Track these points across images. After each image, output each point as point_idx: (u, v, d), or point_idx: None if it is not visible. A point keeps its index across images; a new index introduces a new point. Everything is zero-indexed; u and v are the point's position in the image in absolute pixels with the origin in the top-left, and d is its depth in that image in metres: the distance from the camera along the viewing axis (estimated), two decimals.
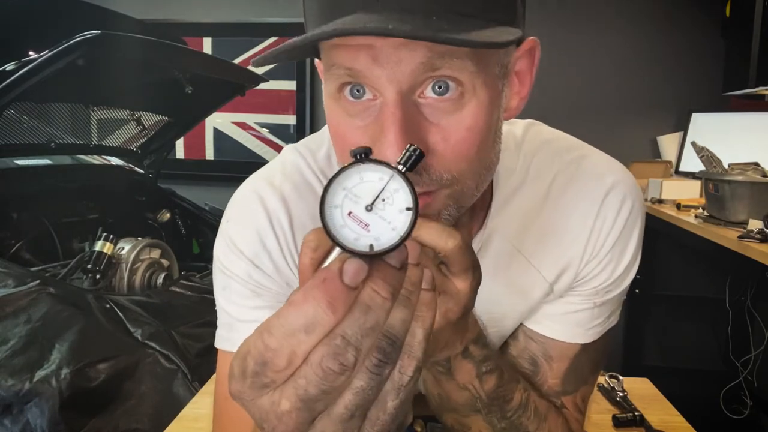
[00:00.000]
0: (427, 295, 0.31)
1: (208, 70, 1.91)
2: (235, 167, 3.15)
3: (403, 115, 0.43)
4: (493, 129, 0.49)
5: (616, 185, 0.63)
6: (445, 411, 0.59)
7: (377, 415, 0.30)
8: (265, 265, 0.61)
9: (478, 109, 0.46)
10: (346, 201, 0.30)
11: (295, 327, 0.27)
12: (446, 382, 0.54)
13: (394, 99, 0.43)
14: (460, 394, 0.54)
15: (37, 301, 1.27)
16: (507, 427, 0.58)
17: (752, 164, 1.71)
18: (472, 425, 0.59)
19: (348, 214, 0.29)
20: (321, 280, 0.28)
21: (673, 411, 0.88)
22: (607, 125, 2.74)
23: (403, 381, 0.30)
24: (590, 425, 0.82)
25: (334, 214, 0.29)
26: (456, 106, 0.45)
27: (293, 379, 0.28)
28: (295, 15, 2.97)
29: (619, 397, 0.90)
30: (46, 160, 1.94)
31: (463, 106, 0.45)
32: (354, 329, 0.27)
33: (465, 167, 0.47)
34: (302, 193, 0.62)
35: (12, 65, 1.46)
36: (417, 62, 0.42)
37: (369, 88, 0.45)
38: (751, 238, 1.50)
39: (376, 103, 0.45)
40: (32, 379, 1.16)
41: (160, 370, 1.27)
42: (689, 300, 2.76)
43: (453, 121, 0.45)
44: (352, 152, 0.31)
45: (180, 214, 2.26)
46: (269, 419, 0.29)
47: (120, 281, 1.70)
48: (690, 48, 2.69)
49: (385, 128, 0.43)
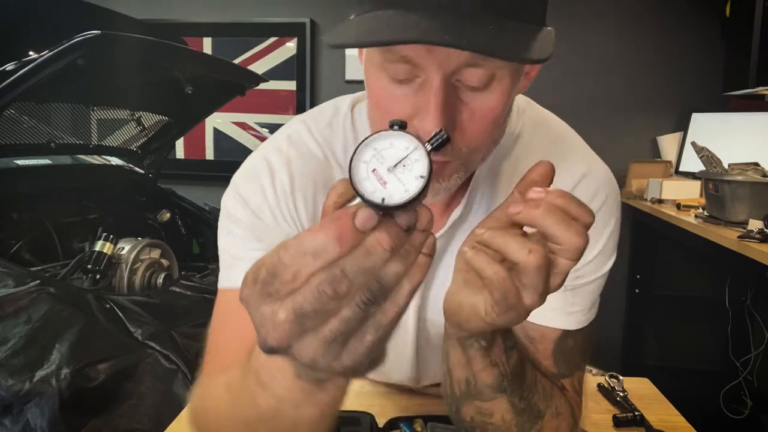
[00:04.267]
0: (423, 259, 0.35)
1: (208, 70, 1.91)
2: (235, 167, 3.11)
3: (444, 97, 0.50)
4: (507, 109, 0.57)
5: (588, 176, 0.67)
6: (469, 399, 0.59)
7: (355, 346, 0.35)
8: (265, 216, 0.68)
9: (501, 94, 0.53)
10: (373, 159, 0.35)
11: (307, 249, 0.33)
12: (481, 359, 0.55)
13: (439, 83, 0.50)
14: (490, 372, 0.55)
15: (37, 301, 1.27)
16: (525, 408, 0.59)
17: (752, 164, 1.71)
18: (494, 410, 0.59)
19: (372, 170, 0.35)
20: (336, 217, 0.33)
21: (673, 411, 0.88)
22: (607, 125, 2.74)
23: (383, 322, 0.35)
24: (590, 425, 0.82)
25: (360, 168, 0.35)
26: (484, 90, 0.52)
27: (293, 295, 0.33)
28: (295, 15, 2.97)
29: (619, 397, 0.90)
30: (46, 160, 1.94)
31: (490, 91, 0.52)
32: (353, 265, 0.32)
33: (480, 142, 0.56)
34: (305, 158, 0.69)
35: (12, 65, 1.46)
36: (463, 59, 0.49)
37: (417, 69, 0.51)
38: (751, 238, 1.50)
39: (420, 80, 0.52)
40: (32, 379, 1.16)
41: (160, 370, 1.27)
42: (689, 300, 2.76)
43: (480, 102, 0.52)
44: (390, 122, 0.36)
45: (180, 214, 2.26)
46: (266, 325, 0.34)
47: (120, 281, 1.70)
48: (690, 48, 2.69)
49: (428, 104, 0.50)
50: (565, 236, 0.42)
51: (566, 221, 0.42)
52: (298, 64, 3.01)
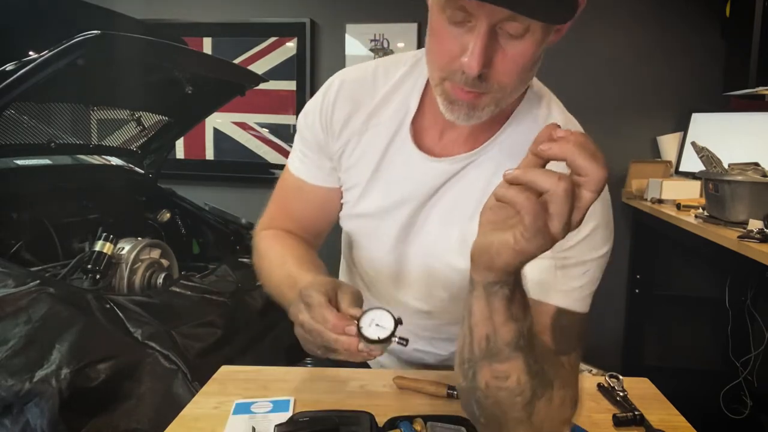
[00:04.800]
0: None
1: (208, 70, 1.91)
2: (235, 167, 3.16)
3: (486, 40, 0.64)
4: (536, 59, 0.69)
5: None
6: (487, 360, 0.61)
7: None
8: (308, 127, 0.93)
9: (532, 44, 0.66)
10: (373, 322, 0.70)
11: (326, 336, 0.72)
12: (503, 311, 0.58)
13: (485, 29, 0.64)
14: (510, 328, 0.58)
15: (37, 301, 1.27)
16: (538, 371, 0.62)
17: (752, 164, 1.70)
18: (511, 372, 0.60)
19: (369, 324, 0.69)
20: (349, 342, 0.71)
21: (673, 411, 0.88)
22: (607, 125, 2.74)
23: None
24: (590, 425, 0.82)
25: (365, 322, 0.70)
26: (520, 39, 0.65)
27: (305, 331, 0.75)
28: (295, 15, 2.97)
29: (619, 397, 0.90)
30: (46, 160, 1.94)
31: (524, 40, 0.65)
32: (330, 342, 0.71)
33: (510, 81, 0.69)
34: (358, 81, 0.89)
35: (12, 65, 1.46)
36: (506, 14, 0.62)
37: (469, 16, 0.64)
38: (751, 238, 1.50)
39: (470, 24, 0.65)
40: (32, 379, 1.16)
41: (160, 370, 1.27)
42: (689, 300, 2.76)
43: (514, 48, 0.66)
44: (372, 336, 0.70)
45: (180, 214, 2.26)
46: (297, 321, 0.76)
47: (120, 281, 1.70)
48: (690, 48, 2.69)
49: (473, 45, 0.65)
50: (591, 167, 0.49)
51: (592, 154, 0.49)
52: (298, 64, 3.01)
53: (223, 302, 1.59)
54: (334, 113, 0.89)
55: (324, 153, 0.92)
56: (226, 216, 2.23)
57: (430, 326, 0.99)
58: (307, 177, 0.95)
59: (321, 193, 0.95)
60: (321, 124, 0.90)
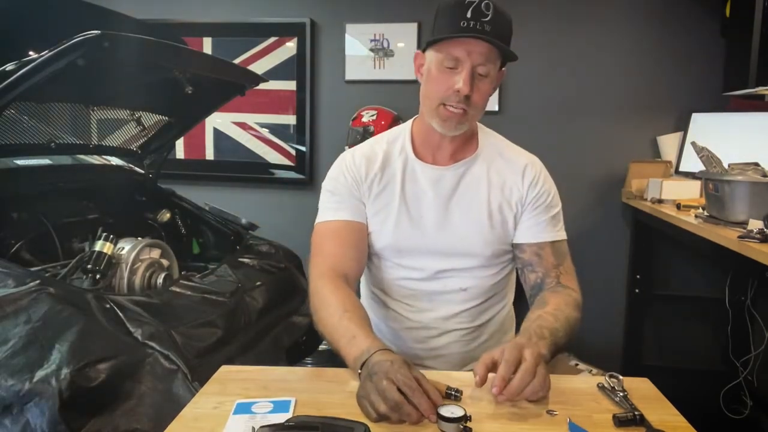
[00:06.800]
0: None
1: (208, 70, 1.91)
2: (235, 167, 3.16)
3: (470, 75, 1.08)
4: (492, 92, 1.16)
5: (529, 165, 1.26)
6: None
7: None
8: (340, 183, 1.25)
9: (490, 83, 1.13)
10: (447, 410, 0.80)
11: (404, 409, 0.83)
12: None
13: (468, 69, 1.08)
14: None
15: (37, 301, 1.27)
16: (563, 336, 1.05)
17: (752, 164, 1.70)
18: None
19: None
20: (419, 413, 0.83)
21: (673, 411, 0.88)
22: (607, 125, 2.74)
23: None
24: (590, 425, 0.82)
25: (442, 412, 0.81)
26: (485, 78, 1.10)
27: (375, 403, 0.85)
28: (295, 15, 2.98)
29: (619, 397, 0.90)
30: (46, 160, 1.94)
31: (487, 81, 1.11)
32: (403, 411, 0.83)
33: (481, 103, 1.13)
34: (369, 158, 1.25)
35: (12, 65, 1.46)
36: (483, 58, 1.08)
37: (458, 62, 1.08)
38: (751, 238, 1.50)
39: (458, 70, 1.09)
40: (32, 379, 1.16)
41: (160, 370, 1.27)
42: (689, 300, 2.76)
43: (483, 83, 1.11)
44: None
45: (180, 214, 2.26)
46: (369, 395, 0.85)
47: (120, 281, 1.70)
48: (690, 48, 2.69)
49: (463, 77, 1.08)
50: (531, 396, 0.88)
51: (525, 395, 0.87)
52: (298, 64, 3.01)
53: (223, 302, 1.59)
54: (357, 167, 1.23)
55: (355, 196, 1.23)
56: (226, 216, 2.23)
57: (465, 315, 1.26)
58: (346, 216, 1.21)
59: (361, 228, 1.22)
60: (350, 174, 1.23)
